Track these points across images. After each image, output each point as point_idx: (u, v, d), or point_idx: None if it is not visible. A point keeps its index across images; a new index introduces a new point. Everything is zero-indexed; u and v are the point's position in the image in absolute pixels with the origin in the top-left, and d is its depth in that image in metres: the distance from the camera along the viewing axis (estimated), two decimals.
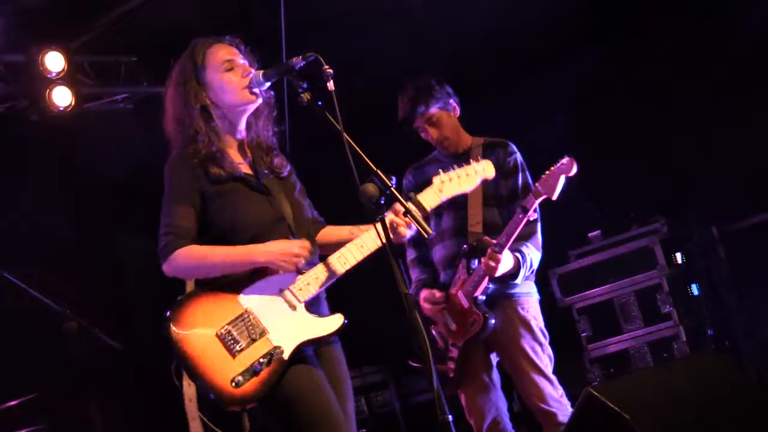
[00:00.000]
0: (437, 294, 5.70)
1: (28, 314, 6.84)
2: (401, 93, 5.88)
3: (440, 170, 4.47)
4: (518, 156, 5.79)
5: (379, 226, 3.89)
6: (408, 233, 4.24)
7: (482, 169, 4.55)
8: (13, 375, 7.22)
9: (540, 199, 5.40)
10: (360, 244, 4.26)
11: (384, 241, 3.87)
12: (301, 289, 4.23)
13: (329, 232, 4.52)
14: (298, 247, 4.19)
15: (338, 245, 4.32)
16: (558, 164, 5.36)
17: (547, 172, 5.38)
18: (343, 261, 4.25)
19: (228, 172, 4.28)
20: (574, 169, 5.32)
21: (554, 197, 5.37)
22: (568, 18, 8.17)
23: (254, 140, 4.46)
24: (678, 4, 8.12)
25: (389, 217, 4.18)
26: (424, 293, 5.78)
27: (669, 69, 8.25)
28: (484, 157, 5.72)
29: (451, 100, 5.85)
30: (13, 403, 6.38)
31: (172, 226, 4.25)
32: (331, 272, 4.25)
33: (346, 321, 4.29)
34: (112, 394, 7.78)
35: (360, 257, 4.26)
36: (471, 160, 4.56)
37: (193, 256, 4.22)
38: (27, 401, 6.42)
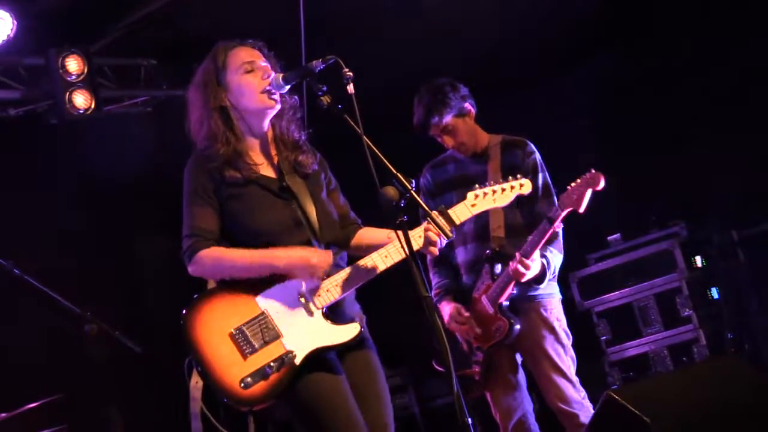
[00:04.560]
0: (465, 314, 5.68)
1: (49, 317, 6.87)
2: (416, 98, 5.84)
3: (476, 185, 4.44)
4: (537, 156, 5.77)
5: (401, 234, 3.88)
6: (436, 251, 4.23)
7: (519, 186, 4.51)
8: (35, 377, 7.25)
9: (566, 212, 5.36)
10: (384, 254, 4.23)
11: (404, 245, 3.87)
12: (319, 295, 4.21)
13: (366, 234, 4.48)
14: (316, 257, 4.16)
15: (376, 248, 4.28)
16: (583, 177, 5.30)
17: (573, 184, 5.32)
18: (366, 269, 4.22)
19: (244, 176, 4.27)
20: (602, 184, 5.25)
21: (581, 210, 5.32)
22: (587, 19, 8.14)
23: (278, 137, 4.43)
24: (700, 4, 8.09)
25: (423, 226, 4.21)
26: (449, 307, 5.75)
27: (690, 71, 8.21)
28: (503, 156, 5.74)
29: (466, 104, 5.79)
30: (34, 404, 6.40)
31: (193, 228, 4.26)
32: (353, 280, 4.23)
33: (363, 329, 4.29)
34: (132, 395, 7.81)
35: (383, 267, 4.23)
36: (510, 177, 4.52)
37: (215, 258, 4.23)
38: (49, 403, 6.44)
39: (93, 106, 7.66)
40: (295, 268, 4.16)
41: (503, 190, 4.45)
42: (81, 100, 7.59)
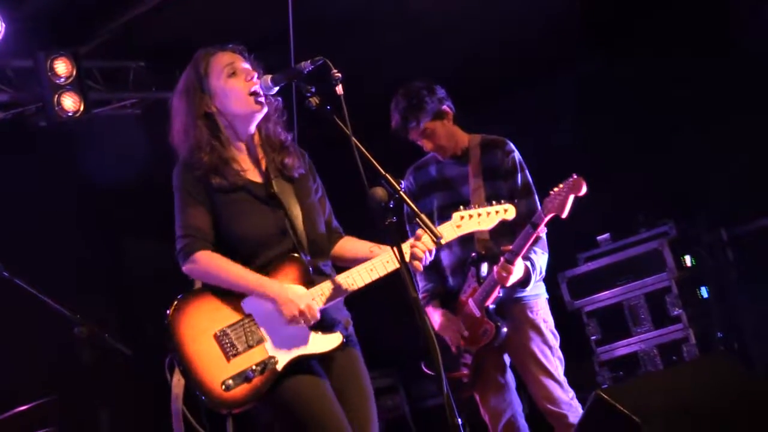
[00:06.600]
0: (455, 320, 5.67)
1: (39, 320, 6.85)
2: (392, 103, 5.80)
3: (461, 206, 4.48)
4: (516, 154, 5.75)
5: (391, 239, 3.89)
6: (421, 267, 4.24)
7: (503, 210, 4.56)
8: (25, 379, 7.24)
9: (549, 216, 5.35)
10: (370, 267, 4.24)
11: (396, 253, 3.87)
12: None
13: (348, 246, 4.48)
14: (306, 305, 4.14)
15: (355, 261, 4.32)
16: (565, 183, 5.30)
17: (556, 189, 5.32)
18: (351, 282, 4.23)
19: (231, 182, 4.26)
20: (584, 189, 5.25)
21: (564, 216, 5.32)
22: (573, 23, 8.16)
23: (265, 140, 4.41)
24: (683, 7, 8.11)
25: (410, 242, 4.22)
26: (438, 313, 5.75)
27: (678, 71, 8.23)
28: (482, 156, 5.73)
29: (444, 106, 5.74)
30: (24, 407, 6.39)
31: (189, 228, 4.25)
32: (337, 291, 4.24)
33: (345, 340, 4.29)
34: (122, 398, 7.80)
35: (368, 280, 4.24)
36: (494, 201, 4.57)
37: (212, 266, 4.22)
38: (39, 405, 6.43)
39: (82, 108, 7.65)
40: (282, 304, 4.14)
41: (488, 213, 4.51)
42: (70, 102, 7.59)
